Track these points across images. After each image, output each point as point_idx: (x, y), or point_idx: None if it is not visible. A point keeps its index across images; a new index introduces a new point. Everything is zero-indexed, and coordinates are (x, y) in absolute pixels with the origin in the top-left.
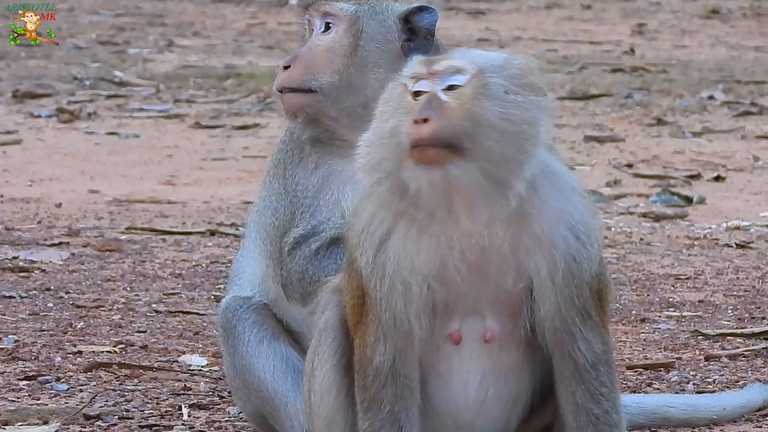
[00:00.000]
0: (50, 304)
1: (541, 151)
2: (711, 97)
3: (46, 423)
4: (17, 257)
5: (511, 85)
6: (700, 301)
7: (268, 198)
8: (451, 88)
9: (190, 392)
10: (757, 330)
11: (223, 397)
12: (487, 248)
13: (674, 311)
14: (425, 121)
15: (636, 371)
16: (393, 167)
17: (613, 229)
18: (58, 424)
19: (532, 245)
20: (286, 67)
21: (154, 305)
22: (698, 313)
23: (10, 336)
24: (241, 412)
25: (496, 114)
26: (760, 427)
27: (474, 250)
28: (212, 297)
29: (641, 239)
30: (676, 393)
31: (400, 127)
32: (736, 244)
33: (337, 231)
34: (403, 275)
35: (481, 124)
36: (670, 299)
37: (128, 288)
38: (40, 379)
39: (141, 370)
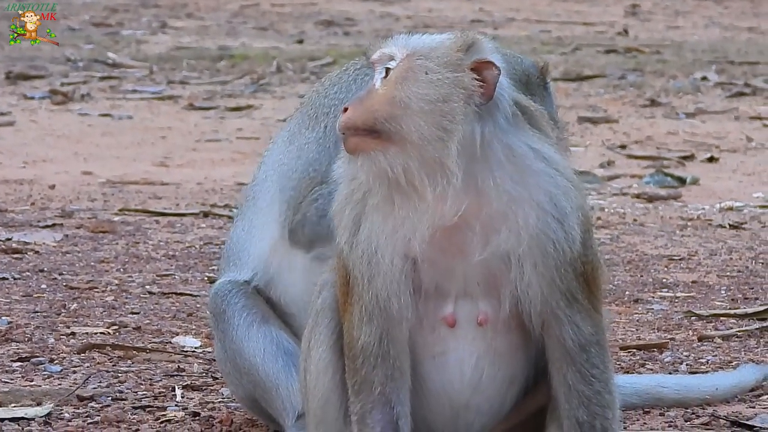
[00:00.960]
0: (44, 286)
1: (505, 130)
2: (704, 78)
3: (39, 404)
4: (10, 239)
5: (435, 65)
6: (693, 282)
7: (303, 147)
8: (387, 73)
9: (183, 373)
10: (750, 310)
11: (217, 378)
12: (451, 226)
13: (668, 292)
14: (346, 110)
15: (629, 352)
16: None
17: (606, 209)
18: (52, 405)
19: (493, 222)
20: None
21: (147, 286)
22: (691, 294)
23: (3, 317)
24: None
25: (412, 95)
26: (753, 407)
27: (438, 226)
28: (206, 278)
29: (635, 220)
30: (670, 373)
31: None
32: (730, 225)
33: None
34: (378, 255)
35: (397, 106)
36: (664, 280)
37: (122, 269)
38: (33, 360)
39: (134, 352)
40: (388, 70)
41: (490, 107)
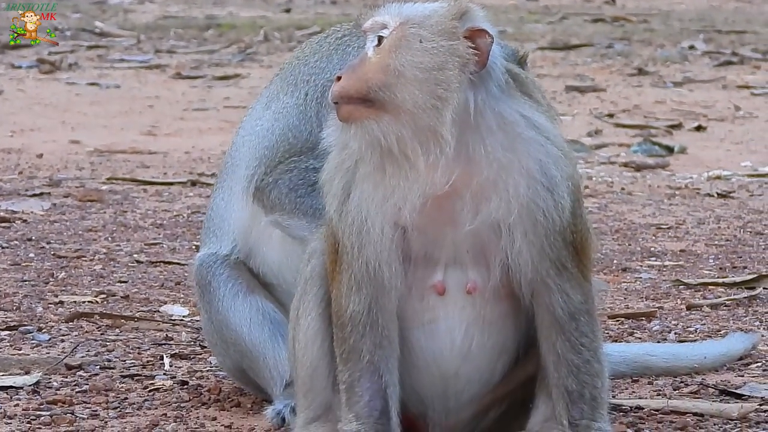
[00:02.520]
0: (31, 255)
1: (497, 98)
2: (692, 47)
3: (27, 373)
4: None
5: (429, 33)
6: (681, 251)
7: (281, 111)
8: (379, 42)
9: (171, 342)
10: (738, 279)
11: (205, 347)
12: (442, 194)
13: (656, 261)
14: (339, 79)
15: (618, 321)
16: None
17: (594, 178)
18: (40, 374)
19: (484, 191)
20: None
21: (135, 255)
22: (680, 263)
23: None
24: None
25: (406, 63)
26: (742, 375)
27: (429, 195)
28: (193, 247)
29: (622, 189)
30: (658, 342)
31: None
32: (718, 194)
33: None
34: (367, 224)
35: (391, 75)
36: (652, 249)
37: (109, 238)
38: (21, 329)
39: (122, 320)
40: (380, 38)
41: (483, 75)
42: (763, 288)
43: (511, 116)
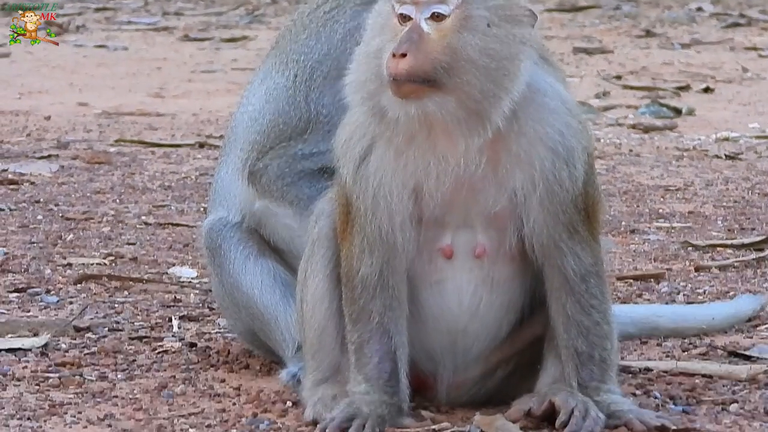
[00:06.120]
0: (40, 217)
1: (527, 70)
2: (699, 9)
3: (36, 335)
4: (6, 170)
5: (495, 17)
6: (689, 212)
7: (272, 91)
8: (434, 17)
9: (180, 304)
10: (746, 241)
11: (213, 309)
12: (465, 170)
13: (664, 222)
14: (403, 56)
15: (626, 282)
16: (374, 90)
17: (602, 140)
18: (48, 336)
19: (510, 165)
20: None
21: (143, 217)
22: (688, 224)
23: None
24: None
25: (477, 48)
26: (750, 337)
27: (453, 171)
28: (201, 209)
29: (630, 150)
30: (666, 303)
31: (384, 50)
32: (726, 156)
33: (331, 164)
34: (383, 190)
35: (460, 58)
36: (660, 210)
37: (117, 200)
38: (29, 291)
39: (131, 282)
40: (439, 15)
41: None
42: None
43: (541, 86)
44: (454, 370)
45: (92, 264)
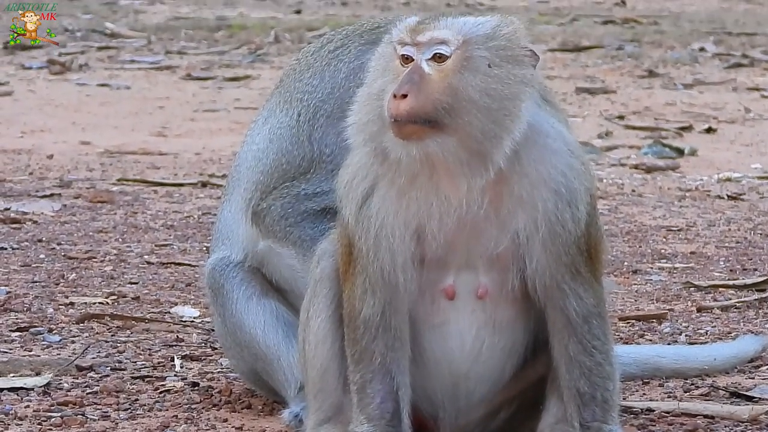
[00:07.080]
0: (42, 256)
1: (529, 110)
2: (702, 49)
3: (38, 374)
4: (9, 208)
5: (496, 57)
6: (692, 253)
7: (275, 130)
8: (435, 58)
9: (182, 343)
10: (749, 281)
11: (216, 348)
12: (468, 210)
13: (666, 263)
14: (404, 97)
15: (628, 323)
16: (376, 131)
17: (604, 180)
18: (51, 375)
19: (512, 206)
20: None
21: (146, 256)
22: (690, 265)
23: (2, 287)
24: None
25: (478, 89)
26: (752, 378)
27: (455, 212)
28: (204, 248)
29: (633, 191)
30: (668, 344)
31: (386, 91)
32: (728, 196)
33: (334, 204)
34: (386, 231)
35: (461, 99)
36: (662, 251)
37: (120, 239)
38: (32, 330)
39: (133, 322)
40: (440, 55)
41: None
42: None
43: (543, 127)
44: (457, 413)
45: (94, 303)
